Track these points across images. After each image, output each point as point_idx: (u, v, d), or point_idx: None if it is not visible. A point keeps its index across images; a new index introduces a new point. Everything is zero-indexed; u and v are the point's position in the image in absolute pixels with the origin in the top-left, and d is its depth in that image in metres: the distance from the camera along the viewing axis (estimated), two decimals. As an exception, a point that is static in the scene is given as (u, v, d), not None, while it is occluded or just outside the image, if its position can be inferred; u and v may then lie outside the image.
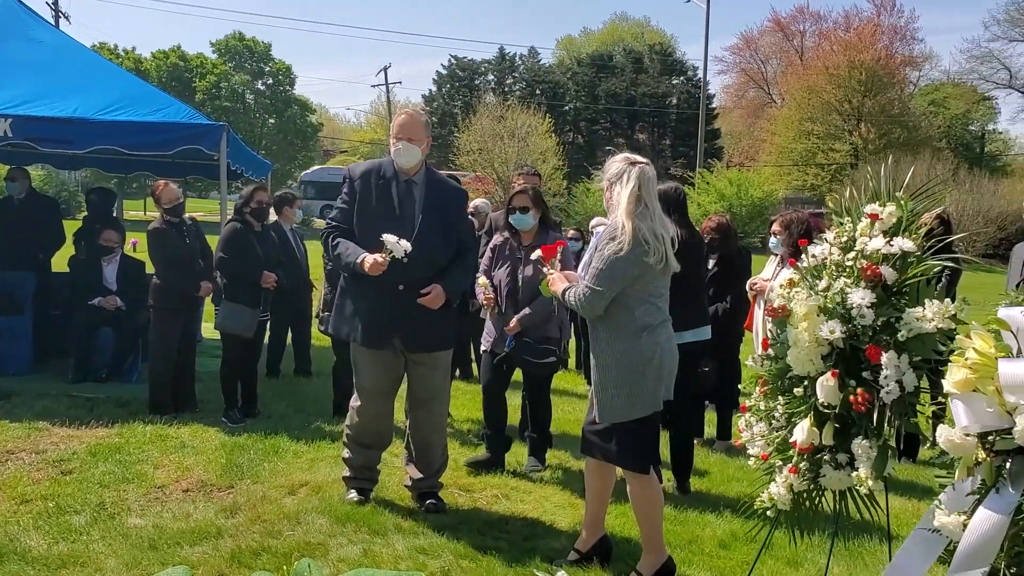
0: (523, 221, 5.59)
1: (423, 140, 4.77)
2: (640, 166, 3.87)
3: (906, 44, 51.24)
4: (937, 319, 2.74)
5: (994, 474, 2.18)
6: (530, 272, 5.51)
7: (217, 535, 4.40)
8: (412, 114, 4.88)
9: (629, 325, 3.83)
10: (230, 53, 49.07)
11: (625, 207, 3.77)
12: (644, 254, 3.71)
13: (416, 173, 4.81)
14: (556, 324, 5.71)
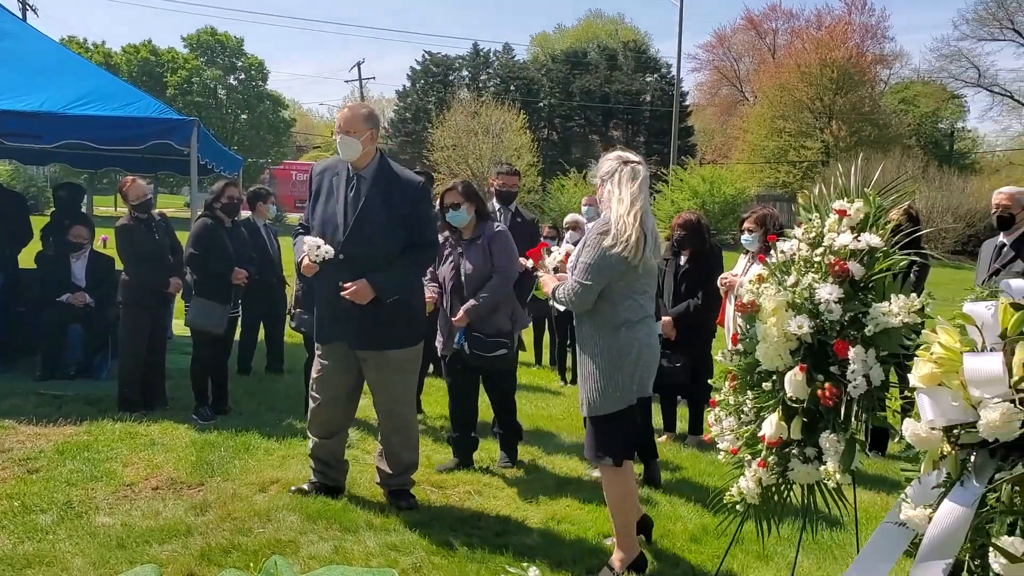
0: (457, 217, 5.51)
1: (363, 132, 4.71)
2: (633, 164, 3.96)
3: (877, 42, 51.74)
4: (903, 314, 2.77)
5: (959, 467, 2.21)
6: (471, 267, 5.49)
7: (187, 533, 4.37)
8: (351, 107, 4.86)
9: (611, 320, 3.92)
10: (202, 48, 48.51)
11: (616, 204, 3.86)
12: (633, 250, 3.79)
13: (366, 167, 4.78)
14: (506, 316, 5.61)
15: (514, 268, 5.55)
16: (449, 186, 5.68)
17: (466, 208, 5.51)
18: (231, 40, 49.17)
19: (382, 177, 4.78)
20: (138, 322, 6.78)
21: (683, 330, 6.35)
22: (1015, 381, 2.05)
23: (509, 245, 5.58)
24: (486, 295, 5.46)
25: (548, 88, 54.75)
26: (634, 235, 3.80)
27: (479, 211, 5.60)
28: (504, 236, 5.60)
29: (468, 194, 5.54)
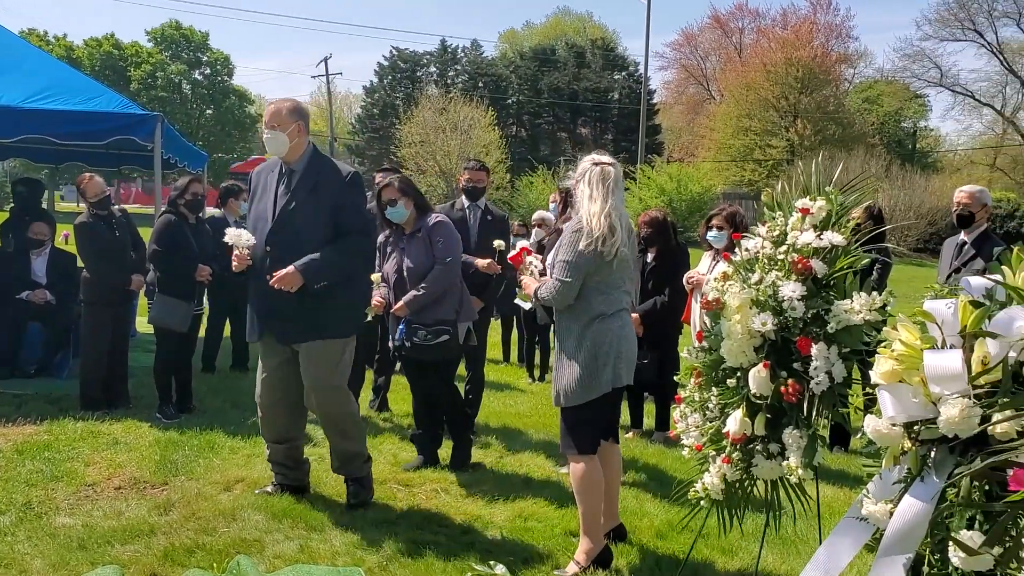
0: (396, 213, 5.46)
1: (289, 126, 4.69)
2: (603, 165, 4.09)
3: (841, 42, 52.25)
4: (864, 311, 2.80)
5: (919, 463, 2.23)
6: (412, 262, 5.43)
7: (150, 533, 4.32)
8: (276, 102, 4.82)
9: (586, 313, 4.03)
10: (166, 42, 48.01)
11: (588, 203, 4.00)
12: (605, 246, 3.91)
13: (296, 161, 4.76)
14: (451, 307, 5.52)
15: (455, 257, 5.47)
16: (385, 182, 5.63)
17: (403, 203, 5.46)
18: (196, 34, 48.71)
19: (311, 170, 4.76)
20: (100, 320, 6.69)
21: (650, 327, 6.37)
22: (973, 378, 2.07)
23: (449, 234, 5.49)
24: (427, 285, 5.37)
25: (516, 85, 54.75)
26: (605, 231, 3.91)
27: (418, 205, 5.54)
28: (443, 226, 5.50)
29: (405, 189, 5.50)
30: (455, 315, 5.53)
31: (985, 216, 6.03)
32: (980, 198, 5.99)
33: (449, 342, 5.45)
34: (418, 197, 5.57)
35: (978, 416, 2.07)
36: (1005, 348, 2.07)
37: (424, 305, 5.41)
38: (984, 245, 5.88)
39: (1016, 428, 2.01)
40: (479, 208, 6.56)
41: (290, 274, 4.60)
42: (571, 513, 4.87)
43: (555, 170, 38.43)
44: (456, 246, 5.51)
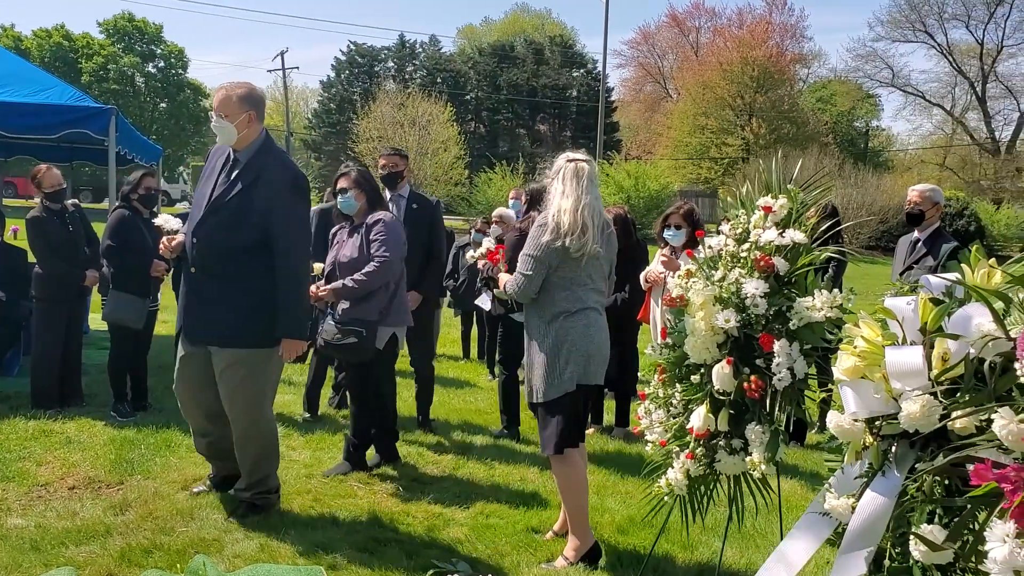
0: (345, 204, 5.35)
1: (238, 115, 4.40)
2: (576, 162, 4.13)
3: (796, 42, 53.01)
4: (826, 308, 2.84)
5: (881, 458, 2.26)
6: (346, 255, 5.28)
7: (105, 533, 4.24)
8: (227, 88, 4.52)
9: (549, 310, 4.06)
10: (119, 34, 47.13)
11: (559, 199, 4.03)
12: (572, 242, 3.92)
13: (243, 151, 4.47)
14: (375, 308, 5.23)
15: (392, 257, 5.22)
16: (343, 171, 5.52)
17: (354, 195, 5.35)
18: (150, 27, 47.92)
19: (255, 163, 4.44)
20: (53, 316, 6.55)
21: (610, 323, 6.39)
22: (937, 376, 2.11)
23: (389, 233, 5.25)
24: (356, 279, 5.14)
25: (475, 81, 54.70)
26: (575, 227, 3.92)
27: (370, 200, 5.40)
28: (383, 224, 5.28)
29: (360, 182, 5.40)
30: (377, 317, 5.26)
31: (936, 214, 6.15)
32: (931, 197, 6.12)
33: (358, 345, 5.17)
34: (372, 193, 5.45)
35: (939, 412, 2.10)
36: (964, 345, 2.10)
37: (349, 298, 5.18)
38: (936, 243, 6.02)
39: (975, 424, 2.05)
40: (403, 198, 6.23)
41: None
42: (533, 511, 4.88)
43: (514, 166, 38.43)
44: (395, 246, 5.25)
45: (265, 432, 4.63)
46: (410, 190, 6.36)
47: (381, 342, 5.33)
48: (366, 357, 5.30)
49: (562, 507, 4.32)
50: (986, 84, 50.79)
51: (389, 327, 5.38)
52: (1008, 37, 49.76)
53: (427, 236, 6.16)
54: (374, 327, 5.23)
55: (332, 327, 5.20)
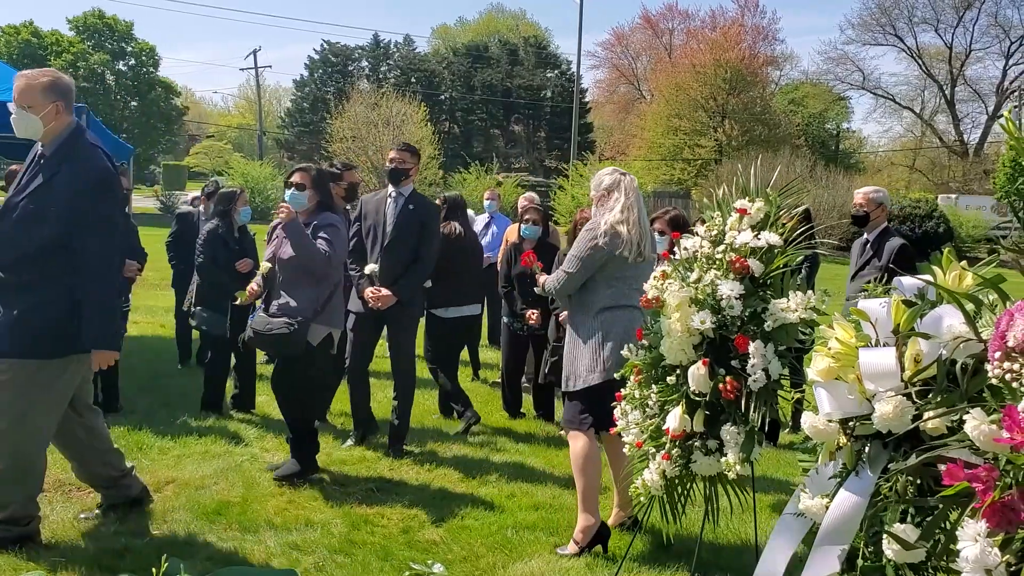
0: (295, 199, 5.19)
1: (43, 106, 3.92)
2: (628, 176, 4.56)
3: (768, 44, 53.37)
4: (800, 310, 2.86)
5: (854, 458, 2.28)
6: (287, 254, 5.13)
7: (76, 537, 4.19)
8: (28, 77, 4.01)
9: (595, 304, 4.38)
10: (88, 31, 46.56)
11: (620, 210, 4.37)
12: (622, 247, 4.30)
13: (50, 144, 3.99)
14: (310, 304, 5.10)
15: (335, 255, 5.15)
16: (301, 167, 5.40)
17: (308, 195, 5.23)
18: (120, 24, 47.38)
19: (58, 156, 3.96)
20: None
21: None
22: (911, 377, 2.13)
23: (336, 234, 5.17)
24: (308, 242, 5.04)
25: (450, 81, 54.67)
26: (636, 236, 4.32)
27: (321, 202, 5.29)
28: (331, 229, 5.16)
29: (316, 181, 5.28)
30: (311, 314, 5.12)
31: (881, 215, 6.33)
32: (875, 199, 6.32)
33: (288, 336, 5.02)
34: (325, 196, 5.35)
35: (911, 412, 2.12)
36: (937, 346, 2.13)
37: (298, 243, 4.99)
38: (882, 243, 6.20)
39: (947, 424, 2.07)
40: (403, 196, 5.95)
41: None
42: (509, 512, 4.89)
43: (488, 166, 38.41)
44: (339, 246, 5.21)
45: (18, 452, 3.97)
46: (412, 190, 6.06)
47: (315, 338, 5.18)
48: (296, 351, 5.11)
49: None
50: (955, 87, 51.49)
51: (323, 326, 5.23)
52: (976, 41, 50.57)
53: (416, 239, 5.89)
54: (306, 322, 5.10)
55: (263, 317, 5.13)
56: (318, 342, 5.21)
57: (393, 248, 5.84)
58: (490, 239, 9.87)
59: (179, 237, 8.26)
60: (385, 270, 5.83)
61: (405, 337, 6.07)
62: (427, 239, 5.96)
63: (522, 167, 48.87)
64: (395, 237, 5.85)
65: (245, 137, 64.60)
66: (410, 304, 5.97)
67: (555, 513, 4.90)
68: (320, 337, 5.23)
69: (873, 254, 6.21)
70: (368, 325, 5.99)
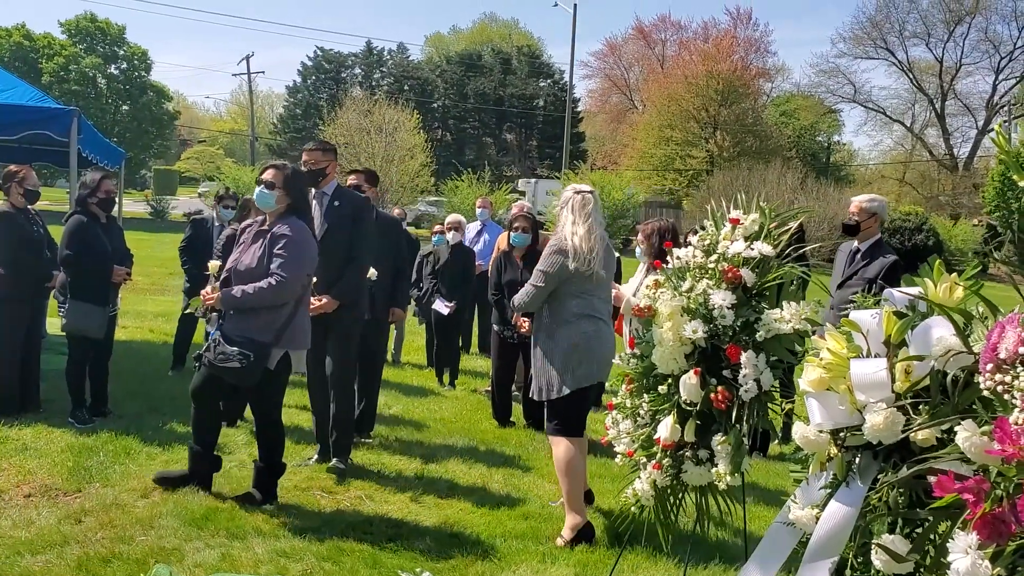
0: (263, 198, 4.91)
1: None
2: (583, 193, 4.81)
3: (760, 56, 53.69)
4: (794, 320, 2.87)
5: (845, 469, 2.29)
6: (245, 262, 4.85)
7: (62, 543, 4.16)
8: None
9: (563, 315, 4.66)
10: (81, 34, 46.47)
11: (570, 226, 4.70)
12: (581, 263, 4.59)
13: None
14: (269, 328, 4.76)
15: (291, 277, 4.75)
16: (275, 163, 5.11)
17: (277, 195, 4.88)
18: (112, 27, 47.31)
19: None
20: (16, 318, 6.42)
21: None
22: (907, 390, 2.13)
23: (294, 251, 4.78)
24: (249, 292, 4.71)
25: (442, 89, 54.73)
26: (584, 251, 4.59)
27: (292, 206, 4.93)
28: (290, 241, 4.79)
29: (288, 183, 4.92)
30: (271, 339, 4.77)
31: (874, 225, 6.13)
32: (868, 209, 6.10)
33: (242, 369, 4.69)
34: (298, 200, 4.99)
35: (901, 423, 2.13)
36: (928, 359, 2.13)
37: (235, 308, 4.79)
38: (875, 255, 6.05)
39: (937, 435, 2.08)
40: (326, 195, 5.68)
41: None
42: (498, 520, 4.88)
43: (480, 174, 38.43)
44: (297, 264, 4.79)
45: None
46: (336, 186, 5.81)
47: (273, 361, 4.83)
48: (252, 380, 4.79)
49: None
50: (945, 101, 51.82)
51: (282, 349, 4.87)
52: (966, 56, 50.93)
53: (347, 237, 5.63)
54: (265, 350, 4.75)
55: (217, 343, 4.75)
56: (275, 365, 4.86)
57: (324, 250, 5.35)
58: (482, 247, 9.89)
59: (193, 242, 8.21)
60: (321, 274, 5.41)
61: (344, 343, 5.68)
62: (359, 235, 5.65)
63: (514, 175, 48.89)
64: (324, 238, 5.45)
65: (237, 142, 64.55)
66: (352, 307, 5.65)
67: (544, 522, 4.89)
68: (277, 358, 4.86)
69: (864, 265, 6.08)
70: (317, 334, 5.45)
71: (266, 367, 4.78)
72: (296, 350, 5.00)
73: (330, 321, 5.55)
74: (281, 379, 5.03)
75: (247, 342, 4.71)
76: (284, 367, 4.95)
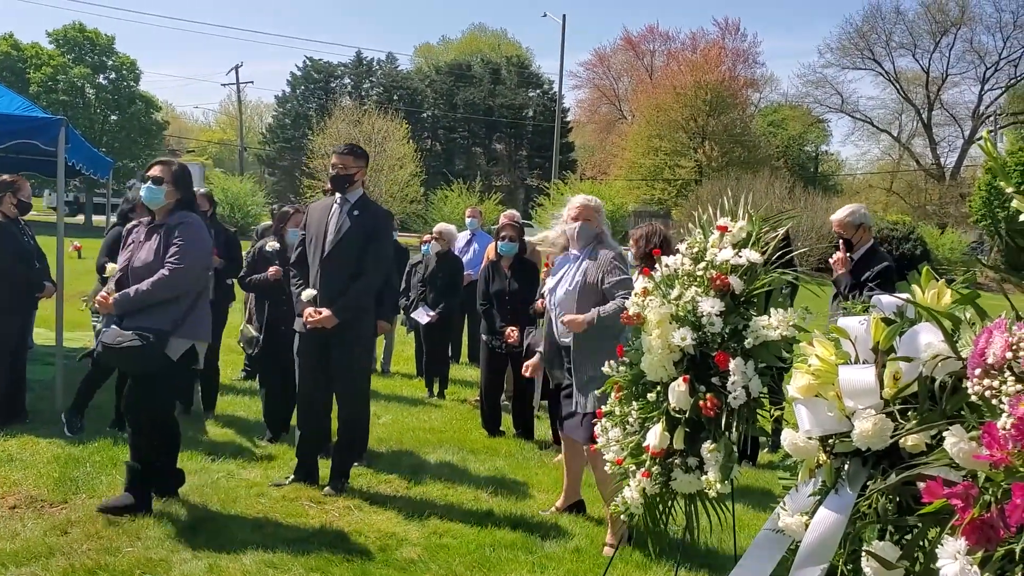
0: (150, 193, 4.74)
1: None
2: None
3: (748, 67, 54.00)
4: (782, 327, 2.87)
5: (834, 475, 2.28)
6: (140, 259, 4.67)
7: (48, 554, 4.12)
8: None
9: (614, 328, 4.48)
10: (69, 44, 46.29)
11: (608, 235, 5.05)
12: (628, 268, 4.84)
13: None
14: (167, 318, 4.60)
15: (189, 266, 4.62)
16: (162, 159, 4.97)
17: (165, 191, 4.73)
18: (101, 37, 47.18)
19: None
20: (5, 328, 6.39)
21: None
22: (895, 395, 2.13)
23: (191, 239, 4.65)
24: (144, 288, 4.55)
25: (432, 99, 54.77)
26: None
27: (182, 200, 4.79)
28: (188, 228, 4.69)
29: (176, 177, 4.78)
30: (169, 327, 4.60)
31: (863, 235, 6.11)
32: (850, 222, 6.07)
33: (142, 350, 4.49)
34: (186, 192, 4.85)
35: (890, 430, 2.13)
36: (916, 365, 2.13)
37: (131, 309, 4.60)
38: (870, 262, 6.03)
39: (925, 441, 2.08)
40: (348, 202, 5.41)
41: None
42: (487, 530, 4.86)
43: (470, 184, 38.44)
44: (195, 254, 4.66)
45: None
46: (362, 195, 5.52)
47: (175, 352, 4.64)
48: (150, 367, 4.58)
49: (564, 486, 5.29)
50: (931, 111, 52.13)
51: (185, 339, 4.71)
52: (952, 66, 51.26)
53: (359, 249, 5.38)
54: (164, 335, 4.58)
55: (115, 330, 4.59)
56: (178, 356, 4.66)
57: (332, 260, 5.29)
58: (471, 256, 9.88)
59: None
60: (325, 284, 5.30)
61: (348, 360, 5.39)
62: (374, 250, 5.37)
63: (503, 185, 48.96)
64: (335, 247, 5.29)
65: (226, 152, 64.43)
66: (355, 322, 5.37)
67: (534, 531, 4.87)
68: (181, 351, 4.67)
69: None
70: (314, 347, 5.38)
71: (167, 357, 4.58)
72: (200, 341, 4.79)
73: (332, 334, 5.30)
74: (179, 376, 4.80)
75: (145, 328, 4.54)
76: (186, 362, 4.72)
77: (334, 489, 5.35)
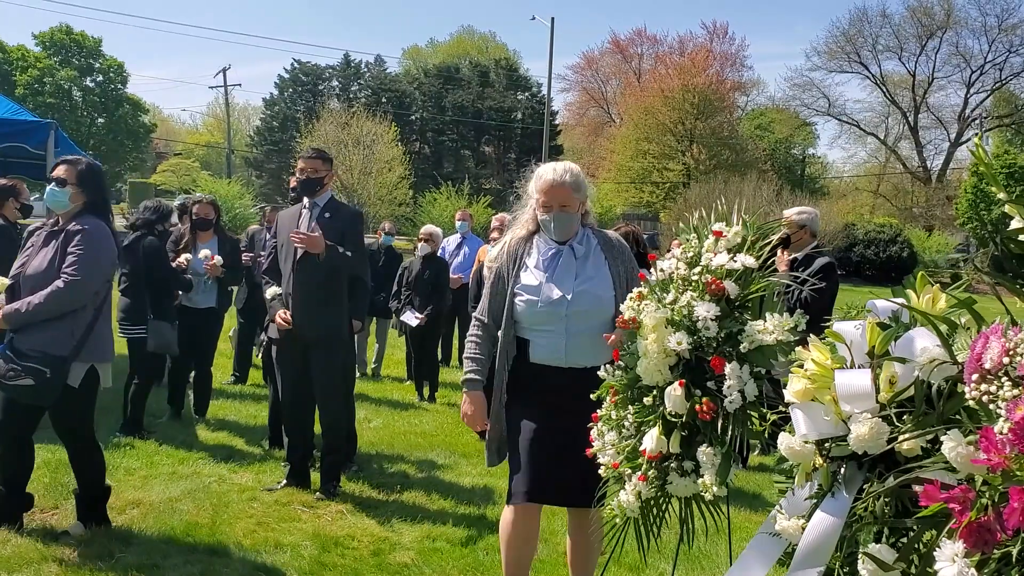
0: (54, 196, 4.40)
1: None
2: None
3: (736, 70, 54.21)
4: (778, 332, 2.88)
5: (830, 479, 2.30)
6: (34, 266, 4.32)
7: (40, 560, 4.11)
8: None
9: None
10: (56, 47, 46.10)
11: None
12: None
13: None
14: (66, 340, 4.24)
15: (85, 277, 4.24)
16: (67, 158, 4.63)
17: (70, 193, 4.38)
18: (88, 40, 47.00)
19: None
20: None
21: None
22: (891, 400, 2.15)
23: (89, 248, 4.27)
24: (36, 302, 4.17)
25: (420, 102, 54.72)
26: None
27: (89, 203, 4.44)
28: (86, 236, 4.29)
29: (83, 178, 4.43)
30: (68, 352, 4.24)
31: (803, 236, 6.22)
32: (795, 220, 6.22)
33: (37, 387, 4.15)
34: (95, 195, 4.48)
35: (886, 433, 2.14)
36: (911, 369, 2.15)
37: (21, 325, 4.24)
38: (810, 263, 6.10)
39: (922, 445, 2.10)
40: (318, 206, 5.45)
41: None
42: (480, 534, 4.86)
43: (459, 187, 38.44)
44: (94, 265, 4.29)
45: None
46: (330, 197, 5.57)
47: (75, 379, 4.31)
48: (47, 401, 4.26)
49: None
50: (918, 115, 52.43)
51: (83, 363, 4.35)
52: (938, 70, 51.57)
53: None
54: (62, 365, 4.22)
55: (9, 361, 4.17)
56: (79, 382, 4.33)
57: (305, 265, 5.26)
58: (462, 259, 9.88)
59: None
60: (297, 290, 5.30)
61: (325, 363, 5.38)
62: (347, 250, 5.35)
63: (492, 188, 48.96)
64: (307, 252, 5.25)
65: (213, 155, 64.18)
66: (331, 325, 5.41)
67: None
68: (81, 375, 4.33)
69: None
70: (293, 353, 5.39)
71: (67, 384, 4.26)
72: (101, 363, 4.44)
73: (311, 338, 5.32)
74: (89, 396, 4.45)
75: (41, 356, 4.16)
76: (90, 383, 4.41)
77: (325, 493, 5.36)
